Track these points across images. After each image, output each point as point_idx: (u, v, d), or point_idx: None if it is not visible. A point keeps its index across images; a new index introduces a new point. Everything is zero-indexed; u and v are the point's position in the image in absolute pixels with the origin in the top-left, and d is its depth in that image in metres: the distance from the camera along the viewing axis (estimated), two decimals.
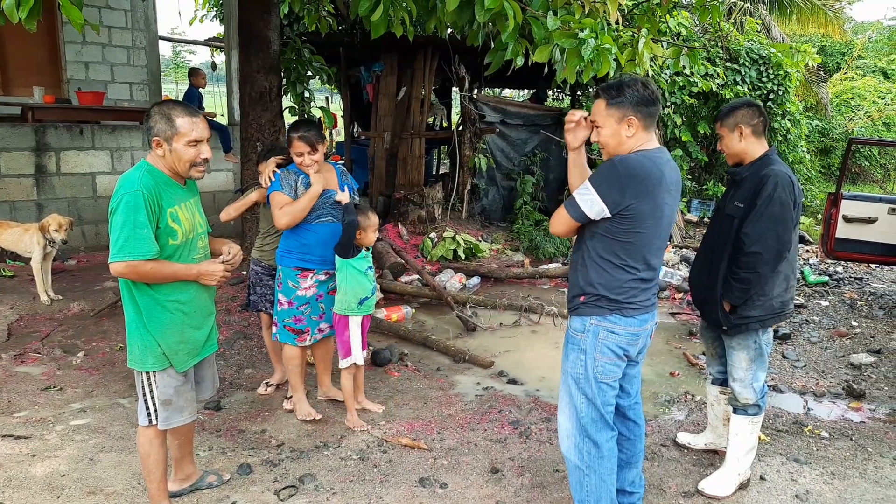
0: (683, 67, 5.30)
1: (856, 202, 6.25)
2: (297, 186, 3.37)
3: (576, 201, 2.38)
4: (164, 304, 2.48)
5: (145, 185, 2.37)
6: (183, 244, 2.51)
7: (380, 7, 3.81)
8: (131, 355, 2.52)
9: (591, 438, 2.51)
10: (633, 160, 2.34)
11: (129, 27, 8.79)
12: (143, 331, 2.46)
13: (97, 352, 4.56)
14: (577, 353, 2.51)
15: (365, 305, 3.47)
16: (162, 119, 2.42)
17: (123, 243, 2.33)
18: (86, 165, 7.15)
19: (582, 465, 2.54)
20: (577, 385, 2.52)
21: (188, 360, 2.58)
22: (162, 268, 2.41)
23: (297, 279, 3.46)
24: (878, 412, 4.02)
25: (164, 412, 2.55)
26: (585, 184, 2.37)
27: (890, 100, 15.87)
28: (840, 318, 5.86)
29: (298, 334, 3.53)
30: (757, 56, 10.02)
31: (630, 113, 2.36)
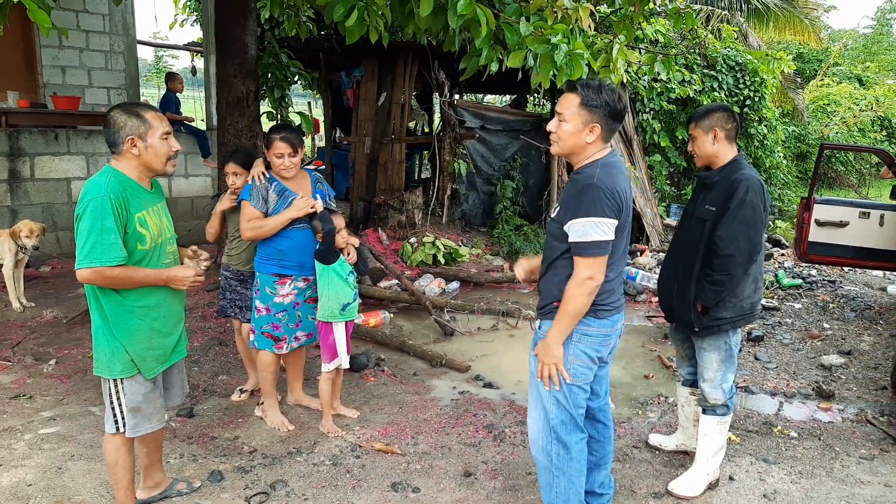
0: (658, 74, 5.37)
1: (828, 206, 6.35)
2: (268, 195, 3.35)
3: (594, 241, 2.29)
4: (132, 310, 2.46)
5: (112, 190, 2.35)
6: (152, 249, 2.49)
7: (354, 13, 3.83)
8: (98, 362, 2.49)
9: (560, 440, 2.52)
10: (604, 175, 2.34)
11: (107, 31, 8.72)
12: (110, 337, 2.44)
13: (69, 359, 4.51)
14: None
15: (348, 311, 3.46)
16: (131, 117, 2.41)
17: (90, 249, 2.31)
18: (61, 171, 7.08)
19: (551, 466, 2.55)
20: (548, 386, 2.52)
21: (157, 367, 2.56)
22: (131, 273, 2.39)
23: (275, 286, 3.44)
24: (847, 412, 4.08)
25: (132, 419, 2.52)
26: (588, 221, 2.28)
27: (864, 106, 16.16)
28: (812, 320, 5.95)
29: (276, 341, 3.51)
30: (734, 63, 10.18)
31: (598, 121, 2.37)
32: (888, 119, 16.38)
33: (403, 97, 8.40)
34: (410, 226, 8.04)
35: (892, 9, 28.62)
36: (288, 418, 3.65)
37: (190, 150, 8.09)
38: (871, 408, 4.14)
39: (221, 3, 5.46)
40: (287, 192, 3.37)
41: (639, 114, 9.69)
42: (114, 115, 2.42)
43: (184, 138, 8.05)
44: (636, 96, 9.64)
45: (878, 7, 29.82)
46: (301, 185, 3.44)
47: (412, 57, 8.22)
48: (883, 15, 28.56)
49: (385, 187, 8.46)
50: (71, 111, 7.21)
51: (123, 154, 2.44)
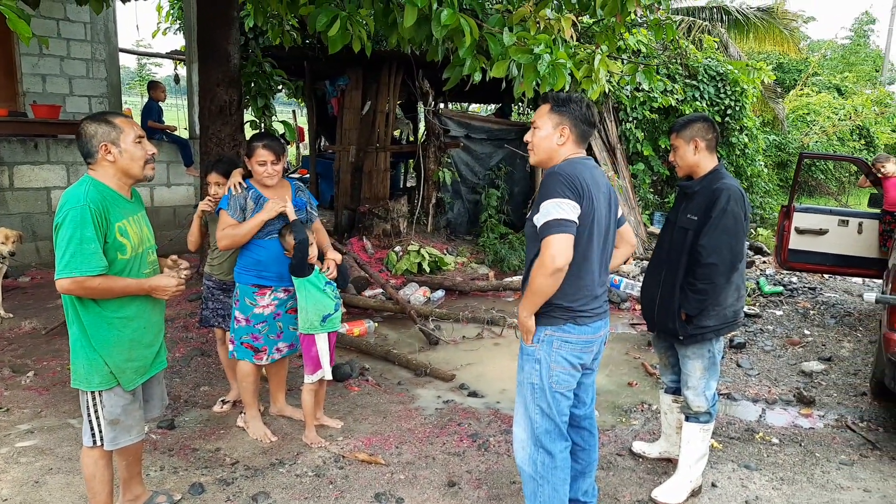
0: (640, 84, 5.43)
1: (807, 214, 6.44)
2: (246, 204, 3.33)
3: (563, 218, 2.30)
4: (111, 321, 2.42)
5: (92, 199, 2.32)
6: (133, 259, 2.47)
7: (337, 22, 3.84)
8: (76, 374, 2.45)
9: (545, 449, 2.53)
10: (565, 165, 2.44)
11: (88, 39, 8.65)
12: (88, 349, 2.40)
13: (48, 371, 4.44)
14: (532, 364, 2.53)
15: (329, 322, 3.43)
16: (101, 124, 2.39)
17: (70, 259, 2.27)
18: (40, 180, 7.00)
19: (536, 475, 2.56)
20: (532, 395, 2.54)
21: (136, 379, 2.53)
22: (111, 283, 2.36)
23: (255, 297, 3.41)
24: (827, 418, 4.13)
25: (111, 432, 2.48)
26: (548, 202, 2.32)
27: (843, 115, 16.43)
28: (793, 327, 6.01)
29: (256, 352, 3.47)
30: (715, 73, 10.30)
31: (566, 122, 2.47)
32: (866, 128, 16.67)
33: (388, 106, 8.41)
34: (395, 234, 8.03)
35: (869, 20, 29.20)
36: (271, 429, 3.61)
37: (172, 159, 8.04)
38: (850, 413, 4.18)
39: (204, 12, 5.44)
40: (262, 200, 3.34)
41: (622, 123, 9.77)
42: (84, 125, 2.40)
43: (166, 147, 8.00)
44: (619, 106, 9.72)
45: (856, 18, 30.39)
46: (281, 193, 3.42)
47: (396, 66, 8.24)
48: (860, 26, 29.13)
49: (370, 196, 8.45)
50: (51, 120, 7.13)
51: (99, 162, 2.41)
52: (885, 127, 17.44)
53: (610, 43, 5.23)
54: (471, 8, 4.52)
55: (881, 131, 17.15)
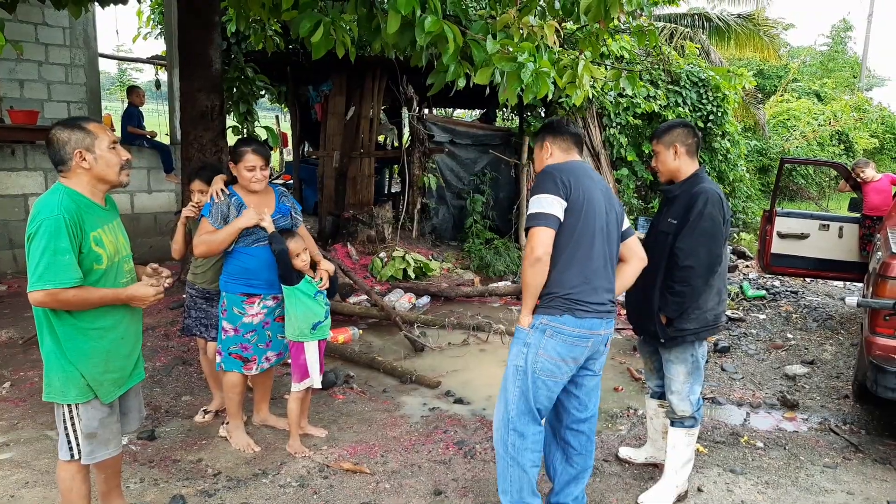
0: (623, 89, 5.46)
1: (789, 219, 6.51)
2: (229, 212, 3.26)
3: (542, 212, 2.47)
4: (87, 332, 2.36)
5: (66, 208, 2.25)
6: (109, 268, 2.40)
7: (320, 28, 3.81)
8: (50, 387, 2.38)
9: (516, 430, 2.59)
10: (555, 167, 2.64)
11: (67, 44, 8.53)
12: (63, 361, 2.33)
13: (25, 382, 4.35)
14: (520, 346, 2.60)
15: (319, 330, 3.39)
16: (75, 130, 2.32)
17: (43, 271, 2.20)
18: (17, 187, 6.88)
19: (507, 455, 2.63)
20: (514, 377, 2.60)
21: (114, 391, 2.46)
22: (87, 294, 2.29)
23: (244, 305, 3.34)
24: (811, 421, 4.15)
25: (88, 446, 2.42)
26: (534, 198, 2.51)
27: (823, 121, 16.69)
28: (776, 331, 6.06)
29: (245, 362, 3.40)
30: (697, 79, 10.41)
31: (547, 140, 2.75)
32: (845, 134, 16.93)
33: (372, 111, 8.39)
34: (380, 240, 7.99)
35: (846, 27, 29.70)
36: (254, 439, 3.56)
37: (153, 165, 7.95)
38: (833, 417, 4.21)
39: (186, 17, 5.40)
40: (244, 208, 3.28)
41: (605, 129, 9.83)
42: (55, 132, 2.32)
43: (147, 153, 7.91)
44: (603, 111, 9.78)
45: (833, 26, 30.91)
46: (265, 200, 3.38)
47: (380, 71, 8.23)
48: (838, 33, 29.62)
49: (354, 202, 8.41)
50: (29, 126, 7.01)
51: (73, 170, 2.33)
52: (863, 132, 17.74)
53: (593, 49, 5.26)
54: (454, 14, 4.52)
55: (860, 136, 17.44)
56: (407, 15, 3.60)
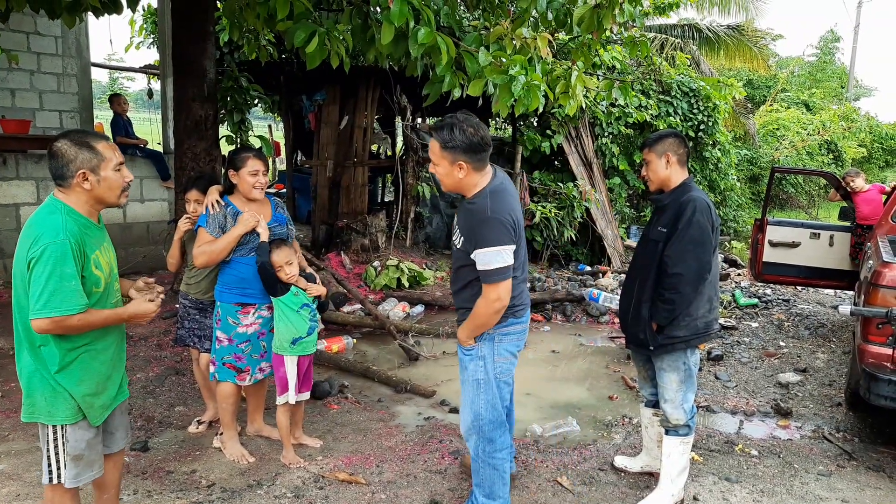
0: (616, 99, 5.50)
1: (780, 228, 6.56)
2: (225, 222, 3.25)
3: (498, 268, 2.54)
4: (81, 355, 2.27)
5: (70, 232, 2.18)
6: (104, 291, 2.34)
7: (315, 38, 3.83)
8: (32, 408, 2.27)
9: (487, 438, 2.81)
10: (494, 203, 2.57)
11: (59, 54, 8.49)
12: (50, 382, 2.23)
13: (15, 393, 4.29)
14: (476, 362, 2.76)
15: (299, 346, 3.33)
16: (82, 149, 2.23)
17: (49, 297, 2.11)
18: (9, 197, 6.83)
19: (478, 459, 2.85)
20: (477, 391, 2.77)
21: (103, 413, 2.39)
22: (91, 318, 2.21)
23: (238, 315, 3.33)
24: (804, 429, 4.17)
25: (74, 468, 2.32)
26: (491, 251, 2.52)
27: (812, 130, 16.85)
28: (769, 339, 6.09)
29: (239, 372, 3.38)
30: (688, 89, 10.50)
31: (461, 158, 2.57)
32: (834, 143, 17.10)
33: (365, 121, 8.40)
34: (374, 249, 7.98)
35: (834, 38, 30.06)
36: (248, 450, 3.54)
37: (146, 175, 7.91)
38: (827, 424, 4.23)
39: (179, 26, 5.40)
40: (240, 215, 3.27)
41: (598, 138, 9.89)
42: (61, 146, 2.23)
43: (139, 162, 7.88)
44: (595, 121, 9.84)
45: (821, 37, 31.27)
46: (262, 209, 3.37)
47: (374, 81, 8.25)
48: (826, 44, 29.97)
49: (348, 211, 8.41)
50: (20, 135, 6.97)
51: (73, 188, 2.25)
52: (851, 141, 17.92)
53: (585, 59, 5.30)
54: (448, 25, 4.55)
55: (848, 146, 17.62)
56: (401, 26, 3.62)
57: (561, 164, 9.74)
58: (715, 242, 2.98)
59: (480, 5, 5.36)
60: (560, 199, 8.93)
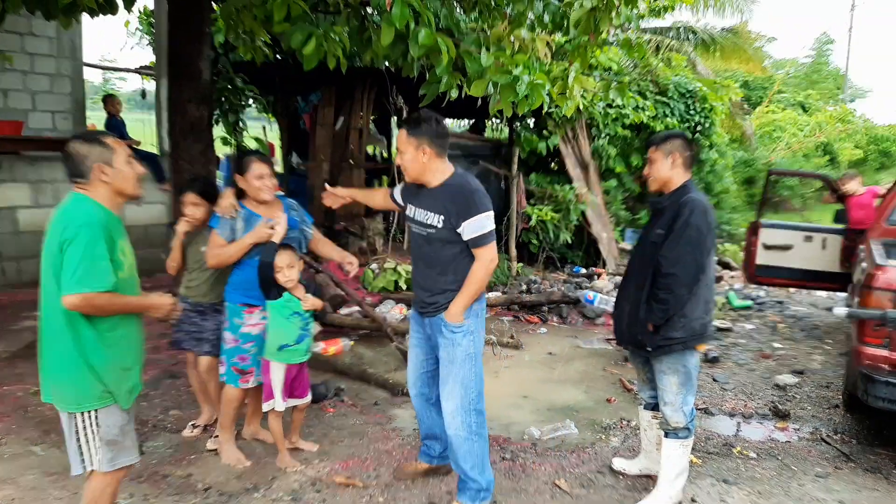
0: (613, 100, 5.49)
1: (774, 230, 6.57)
2: (236, 223, 3.24)
3: (490, 230, 2.86)
4: (107, 339, 2.37)
5: (99, 217, 2.31)
6: (129, 278, 2.44)
7: (312, 40, 3.81)
8: (64, 397, 2.35)
9: (476, 409, 2.95)
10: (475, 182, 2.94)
11: (53, 54, 8.44)
12: (82, 368, 2.32)
13: (9, 396, 4.27)
14: (468, 337, 2.93)
15: (285, 353, 3.27)
16: (94, 145, 2.36)
17: (82, 274, 2.22)
18: (4, 199, 6.79)
19: (471, 435, 2.94)
20: (470, 364, 2.93)
21: (130, 398, 2.48)
22: (115, 300, 2.33)
23: (243, 315, 3.33)
24: (802, 431, 4.18)
25: (109, 452, 2.40)
26: (484, 216, 2.83)
27: (808, 132, 16.91)
28: (764, 341, 6.10)
29: (242, 374, 3.37)
30: (684, 90, 10.51)
31: (425, 143, 2.85)
32: (830, 145, 17.16)
33: (361, 122, 8.38)
34: (371, 252, 7.97)
35: (828, 41, 30.22)
36: (244, 453, 3.51)
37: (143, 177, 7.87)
38: (824, 426, 4.24)
39: (175, 27, 5.37)
40: (254, 218, 3.27)
41: (595, 139, 9.89)
42: (74, 146, 2.35)
43: None
44: (592, 122, 9.84)
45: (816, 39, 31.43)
46: (274, 211, 3.34)
47: (370, 82, 8.23)
48: (820, 46, 30.11)
49: (345, 213, 8.38)
50: (13, 136, 6.93)
51: (93, 182, 2.36)
52: (847, 143, 17.99)
53: (582, 60, 5.30)
54: (447, 27, 4.54)
55: (844, 148, 17.68)
56: (400, 28, 3.61)
57: (557, 167, 9.74)
58: (712, 244, 2.97)
59: (477, 7, 5.36)
60: (556, 202, 8.93)
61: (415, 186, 3.08)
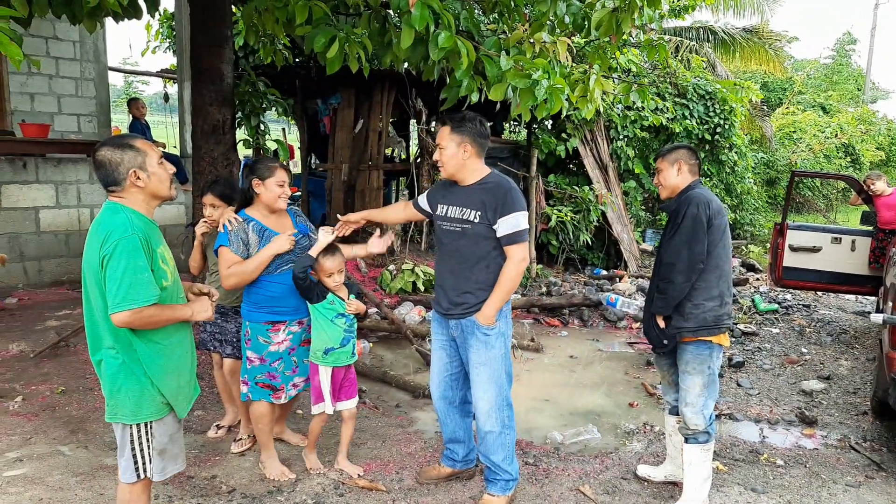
0: (634, 102, 5.45)
1: (801, 232, 6.48)
2: (248, 236, 3.13)
3: (525, 228, 2.92)
4: (163, 348, 2.35)
5: (137, 228, 2.25)
6: (173, 285, 2.40)
7: (335, 43, 3.82)
8: (116, 409, 2.32)
9: (508, 403, 3.06)
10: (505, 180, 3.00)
11: (77, 58, 8.58)
12: (140, 379, 2.30)
13: (36, 396, 4.32)
14: (499, 339, 2.98)
15: (331, 356, 3.23)
16: (126, 150, 2.30)
17: (127, 291, 2.17)
18: (29, 200, 6.89)
19: (504, 429, 3.04)
20: (502, 363, 2.99)
21: (187, 405, 2.48)
22: (162, 312, 2.29)
23: (269, 334, 3.21)
24: (830, 438, 4.10)
25: (160, 463, 2.40)
26: (520, 214, 2.90)
27: (829, 133, 16.66)
28: (790, 345, 6.00)
29: (274, 391, 3.28)
30: (704, 92, 10.41)
31: (467, 141, 2.92)
32: (851, 146, 16.90)
33: (381, 124, 8.40)
34: (389, 253, 7.96)
35: (850, 41, 29.76)
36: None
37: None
38: (853, 433, 4.16)
39: (197, 32, 5.41)
40: (267, 231, 3.17)
41: (613, 141, 9.83)
42: (105, 153, 2.29)
43: None
44: (610, 124, 9.78)
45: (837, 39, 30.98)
46: (282, 220, 3.27)
47: (389, 84, 8.24)
48: (842, 46, 29.67)
49: None
50: (40, 139, 7.04)
51: (127, 189, 2.31)
52: (869, 144, 17.70)
53: (602, 62, 5.26)
54: (467, 30, 4.53)
55: (866, 149, 17.40)
56: (420, 31, 3.60)
57: (576, 168, 9.69)
58: (722, 236, 3.01)
59: (496, 9, 5.34)
60: (576, 203, 8.88)
61: (445, 186, 3.10)
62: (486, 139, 2.99)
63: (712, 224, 2.97)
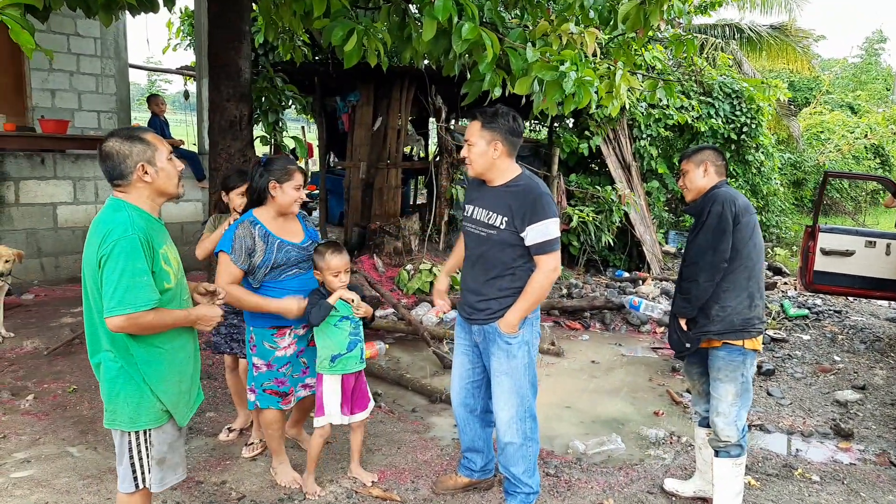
0: (660, 99, 5.28)
1: (833, 235, 6.24)
2: (254, 244, 2.95)
3: (556, 237, 2.74)
4: (162, 353, 2.24)
5: (138, 227, 2.14)
6: (176, 287, 2.28)
7: (353, 37, 3.70)
8: (116, 415, 2.22)
9: (531, 415, 2.92)
10: (544, 187, 2.81)
11: (98, 55, 8.59)
12: (139, 385, 2.20)
13: (48, 394, 4.26)
14: (523, 348, 2.84)
15: (339, 363, 3.05)
16: (135, 143, 2.19)
17: (123, 294, 2.07)
18: (46, 196, 6.88)
19: (526, 440, 2.90)
20: (525, 373, 2.85)
21: (188, 412, 2.37)
22: (162, 316, 2.18)
23: (275, 339, 3.08)
24: (868, 453, 3.89)
25: (158, 473, 2.30)
26: (551, 221, 2.72)
27: (859, 134, 16.24)
28: (822, 353, 5.78)
29: (282, 396, 3.15)
30: (730, 90, 10.16)
31: (498, 138, 2.76)
32: (881, 147, 16.47)
33: (399, 122, 8.28)
34: (407, 252, 7.85)
35: (880, 39, 29.10)
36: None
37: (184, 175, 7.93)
38: (893, 448, 3.95)
39: (216, 27, 5.34)
40: (271, 237, 2.99)
41: (636, 140, 9.62)
42: (113, 145, 2.18)
43: None
44: (633, 122, 9.57)
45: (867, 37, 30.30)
46: (290, 224, 3.10)
47: (408, 81, 8.13)
48: (871, 45, 29.03)
49: (381, 213, 8.30)
50: (58, 135, 7.02)
51: (133, 184, 2.20)
52: None
53: (627, 58, 5.10)
54: (491, 21, 4.39)
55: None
56: (443, 22, 3.47)
57: (598, 167, 9.50)
58: (750, 235, 2.86)
59: (518, 4, 5.19)
60: (597, 203, 8.70)
61: (475, 185, 2.95)
62: (518, 137, 2.81)
63: (739, 222, 2.83)
